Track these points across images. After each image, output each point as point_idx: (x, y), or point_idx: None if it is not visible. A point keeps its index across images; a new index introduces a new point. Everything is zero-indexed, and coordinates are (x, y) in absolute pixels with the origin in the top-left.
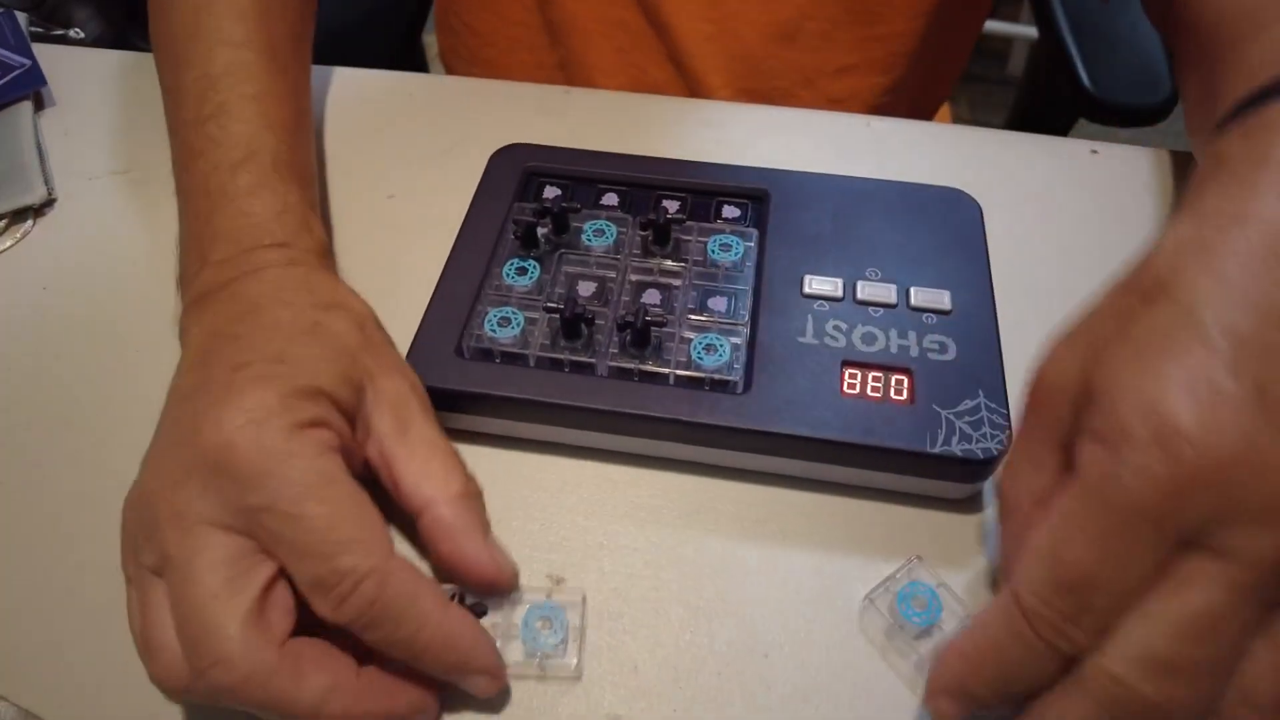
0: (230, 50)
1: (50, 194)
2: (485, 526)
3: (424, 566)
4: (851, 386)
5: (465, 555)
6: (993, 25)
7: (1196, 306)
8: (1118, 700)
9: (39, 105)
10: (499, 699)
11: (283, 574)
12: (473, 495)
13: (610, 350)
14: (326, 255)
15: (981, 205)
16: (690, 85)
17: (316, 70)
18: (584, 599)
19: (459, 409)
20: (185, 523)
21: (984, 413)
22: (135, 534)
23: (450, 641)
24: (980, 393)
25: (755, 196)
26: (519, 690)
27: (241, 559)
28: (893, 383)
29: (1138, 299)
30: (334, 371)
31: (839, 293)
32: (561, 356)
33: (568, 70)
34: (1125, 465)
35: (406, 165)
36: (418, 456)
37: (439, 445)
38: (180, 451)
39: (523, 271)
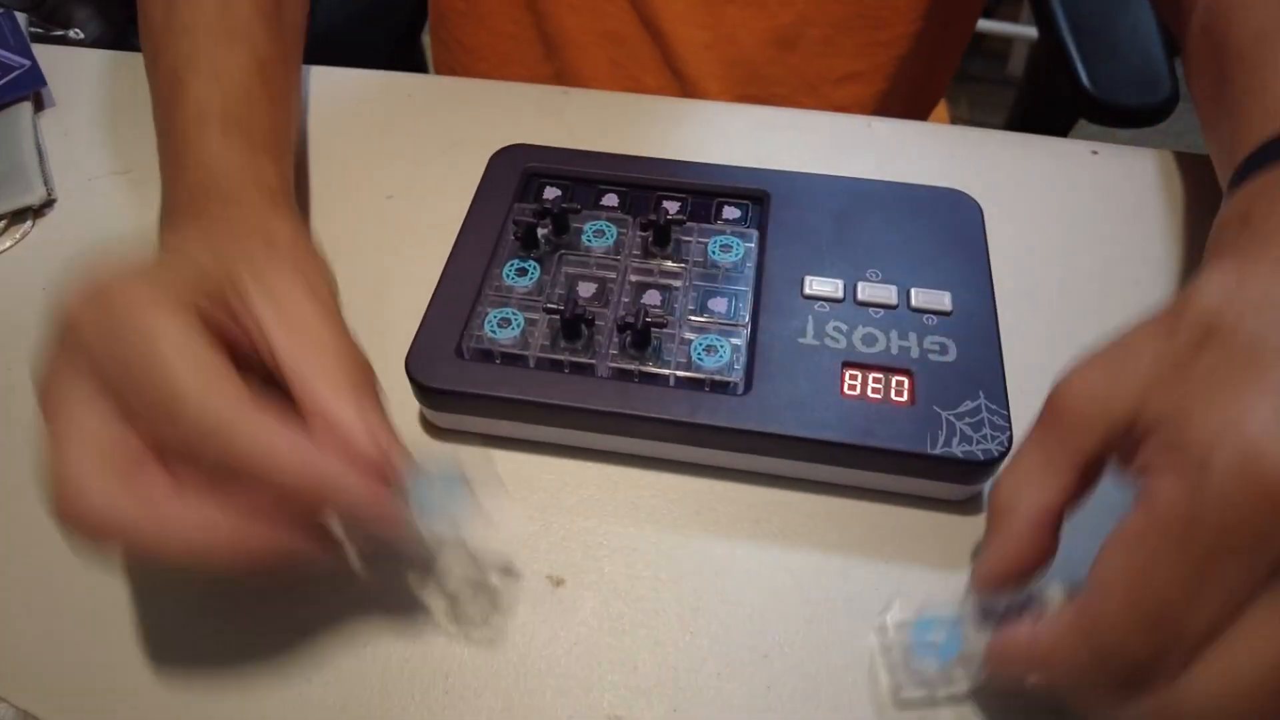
0: (189, 39)
1: (50, 194)
2: (373, 401)
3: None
4: (852, 388)
5: (339, 424)
6: (993, 25)
7: (1257, 344)
8: None
9: (39, 106)
10: (494, 700)
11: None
12: (357, 371)
13: (610, 351)
14: (276, 196)
15: (982, 206)
16: (688, 93)
17: (316, 70)
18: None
19: (459, 410)
20: (56, 403)
21: (984, 414)
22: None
23: (310, 478)
24: (981, 394)
25: (755, 197)
26: (516, 690)
27: (107, 426)
28: (893, 384)
29: (1187, 341)
30: (208, 261)
31: (839, 294)
32: (561, 357)
33: (563, 83)
34: (1210, 494)
35: (406, 165)
36: (299, 343)
37: (324, 336)
38: (52, 344)
39: (523, 272)
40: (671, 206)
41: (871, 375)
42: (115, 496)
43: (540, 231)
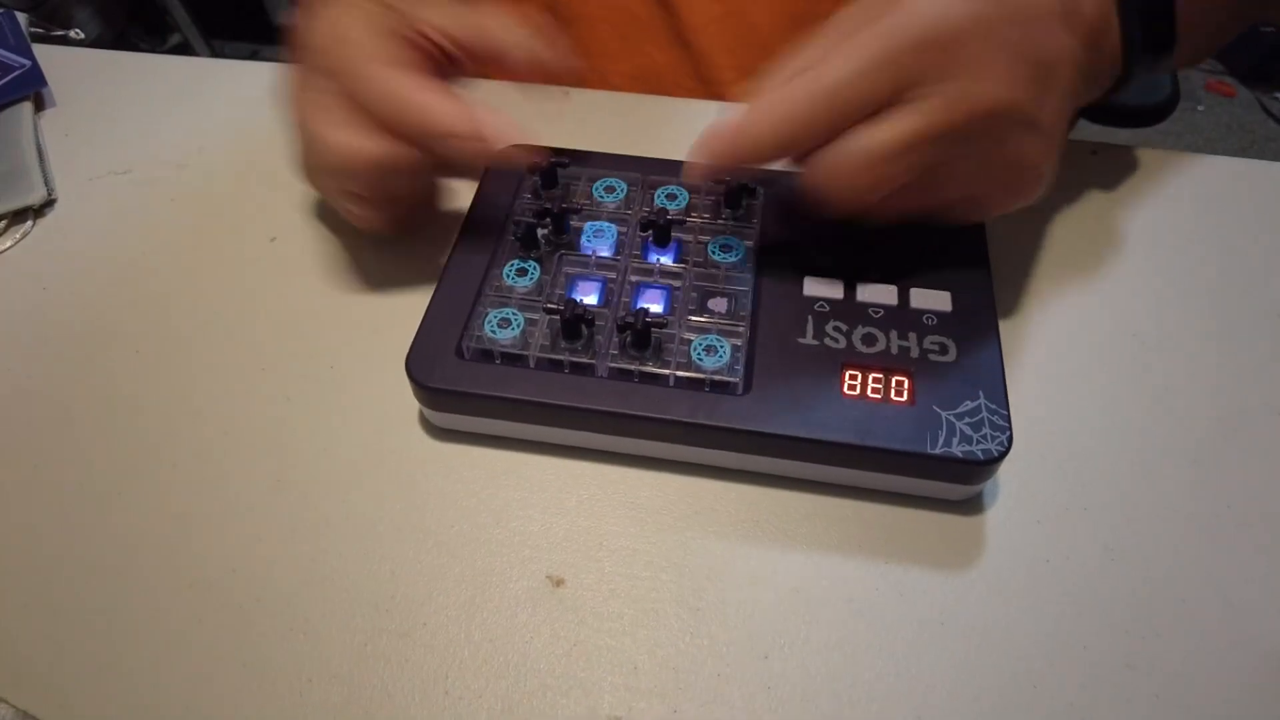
0: None
1: (50, 194)
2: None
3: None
4: (851, 388)
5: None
6: None
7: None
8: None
9: (39, 106)
10: (494, 700)
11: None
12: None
13: (610, 351)
14: None
15: None
16: (698, 69)
17: None
18: None
19: (459, 410)
20: (308, 98)
21: (984, 414)
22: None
23: (424, 114)
24: (980, 394)
25: (756, 197)
26: (516, 690)
27: (337, 98)
28: (893, 384)
29: None
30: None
31: (839, 294)
32: (561, 358)
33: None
34: (894, 13)
35: None
36: (468, 25)
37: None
38: (294, 61)
39: (523, 273)
40: (672, 206)
41: (871, 375)
42: (357, 138)
43: (540, 232)
